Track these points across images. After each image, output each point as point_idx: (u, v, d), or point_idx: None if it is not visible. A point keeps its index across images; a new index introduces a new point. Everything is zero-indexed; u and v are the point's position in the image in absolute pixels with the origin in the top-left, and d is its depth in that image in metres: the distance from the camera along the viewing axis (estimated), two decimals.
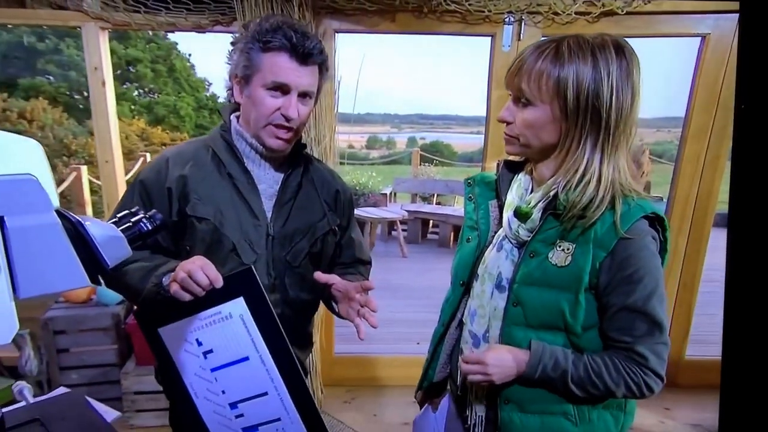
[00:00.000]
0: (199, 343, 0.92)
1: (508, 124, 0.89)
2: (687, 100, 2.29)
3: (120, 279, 0.99)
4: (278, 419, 0.97)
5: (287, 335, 0.94)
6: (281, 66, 0.98)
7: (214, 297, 0.88)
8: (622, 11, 2.05)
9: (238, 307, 0.91)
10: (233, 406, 0.95)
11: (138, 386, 2.17)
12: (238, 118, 1.09)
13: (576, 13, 2.07)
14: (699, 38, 2.18)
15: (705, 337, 2.85)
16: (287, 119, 1.00)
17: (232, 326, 0.92)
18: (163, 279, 0.94)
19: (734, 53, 1.98)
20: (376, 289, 1.14)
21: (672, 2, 2.06)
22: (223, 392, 0.94)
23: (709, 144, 2.30)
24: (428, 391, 1.15)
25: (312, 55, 0.99)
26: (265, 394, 0.95)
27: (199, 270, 0.87)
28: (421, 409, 1.19)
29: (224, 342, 0.92)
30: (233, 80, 1.05)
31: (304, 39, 0.98)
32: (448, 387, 1.12)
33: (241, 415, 0.96)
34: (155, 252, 1.04)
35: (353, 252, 1.25)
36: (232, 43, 1.05)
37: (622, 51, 0.80)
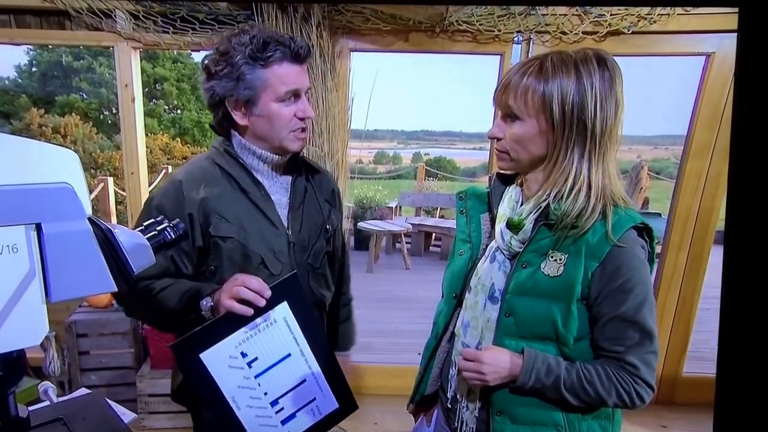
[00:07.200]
0: (244, 355, 0.93)
1: (498, 140, 0.91)
2: (689, 117, 2.30)
3: (152, 306, 1.00)
4: (313, 399, 1.00)
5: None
6: (289, 74, 1.00)
7: (258, 308, 0.91)
8: (629, 31, 2.10)
9: (282, 310, 0.94)
10: (274, 402, 0.97)
11: (152, 389, 2.24)
12: (236, 128, 1.07)
13: (583, 32, 2.12)
14: (703, 57, 2.20)
15: (703, 354, 2.79)
16: (304, 119, 1.03)
17: (276, 330, 0.94)
18: (202, 303, 0.94)
19: None
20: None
21: (677, 22, 2.10)
22: (266, 394, 0.96)
23: (711, 161, 2.30)
24: (421, 404, 1.15)
25: (305, 52, 1.02)
26: (304, 381, 0.99)
27: (254, 281, 0.89)
28: (416, 421, 1.20)
29: (269, 346, 0.94)
30: (229, 106, 1.01)
31: (292, 42, 0.99)
32: (440, 399, 1.11)
33: (282, 409, 0.98)
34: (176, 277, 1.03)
35: (341, 243, 1.28)
36: (213, 73, 1.00)
37: (604, 63, 0.82)
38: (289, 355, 0.96)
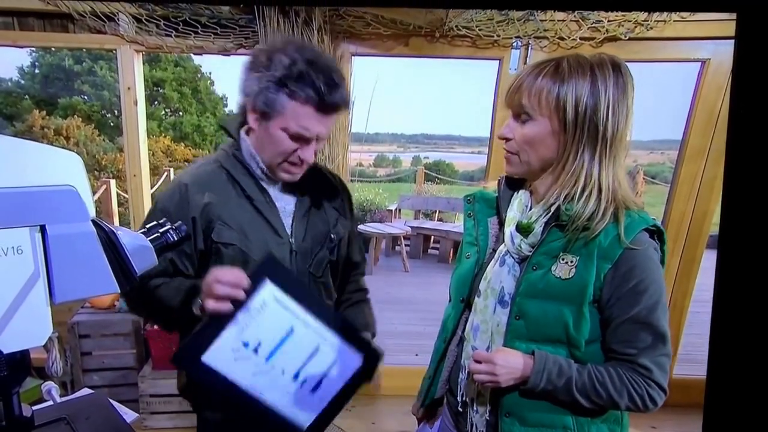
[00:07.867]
0: (246, 344, 0.92)
1: (508, 140, 0.90)
2: (684, 122, 2.32)
3: (151, 305, 1.02)
4: (335, 362, 1.00)
5: None
6: (306, 118, 0.96)
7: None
8: (625, 37, 2.11)
9: (268, 291, 0.93)
10: (295, 376, 0.97)
11: (154, 389, 2.25)
12: (247, 132, 1.06)
13: (581, 38, 2.14)
14: (698, 63, 2.22)
15: (694, 356, 2.82)
16: (302, 162, 1.02)
17: (269, 311, 0.93)
18: (193, 305, 0.94)
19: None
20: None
21: (673, 28, 2.11)
22: (283, 372, 0.95)
23: (706, 166, 2.32)
24: (427, 408, 1.15)
25: (338, 107, 0.97)
26: (318, 349, 0.98)
27: (226, 274, 0.88)
28: (419, 424, 1.20)
29: (268, 328, 0.94)
30: (248, 107, 1.00)
31: (331, 90, 0.94)
32: (445, 403, 1.11)
33: (305, 381, 0.97)
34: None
35: (355, 249, 1.27)
36: (250, 68, 0.99)
37: (618, 69, 0.83)
38: (292, 329, 0.95)
